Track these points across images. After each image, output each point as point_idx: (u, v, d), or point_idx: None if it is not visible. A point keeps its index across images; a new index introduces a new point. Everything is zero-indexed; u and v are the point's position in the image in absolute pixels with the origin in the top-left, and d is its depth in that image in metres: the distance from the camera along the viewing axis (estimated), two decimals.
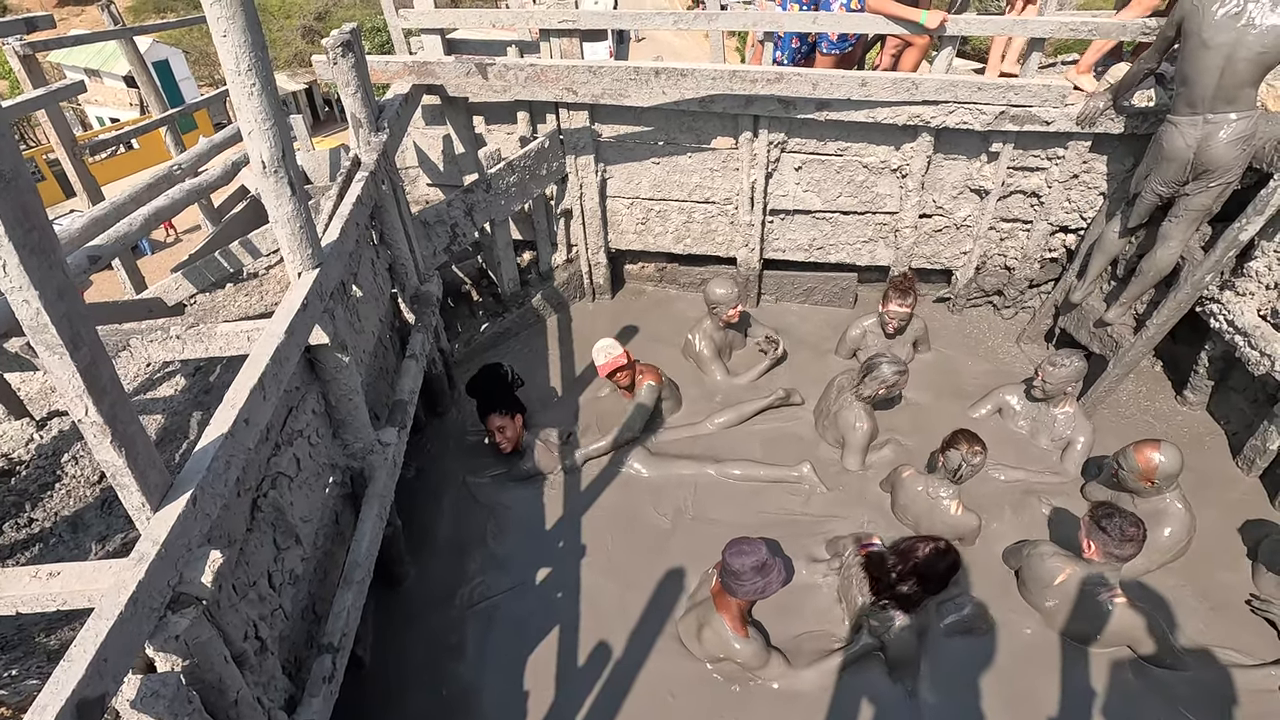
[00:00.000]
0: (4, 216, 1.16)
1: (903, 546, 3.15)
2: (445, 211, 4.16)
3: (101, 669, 1.32)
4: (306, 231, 2.41)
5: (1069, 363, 3.70)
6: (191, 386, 3.36)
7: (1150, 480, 3.13)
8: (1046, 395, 3.81)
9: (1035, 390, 3.84)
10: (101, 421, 1.42)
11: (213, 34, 1.98)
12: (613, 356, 3.92)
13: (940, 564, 3.06)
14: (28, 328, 1.29)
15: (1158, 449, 3.10)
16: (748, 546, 2.67)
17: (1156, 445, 3.12)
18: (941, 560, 3.07)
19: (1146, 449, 3.13)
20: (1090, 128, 3.93)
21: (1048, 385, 3.75)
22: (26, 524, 2.67)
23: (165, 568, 1.54)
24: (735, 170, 4.61)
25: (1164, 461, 3.08)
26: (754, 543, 2.68)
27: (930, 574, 3.04)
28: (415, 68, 4.10)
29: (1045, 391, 3.79)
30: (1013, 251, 4.69)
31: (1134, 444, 3.19)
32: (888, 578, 3.01)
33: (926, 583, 3.03)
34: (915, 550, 3.08)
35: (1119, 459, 3.23)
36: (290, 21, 27.82)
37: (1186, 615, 3.07)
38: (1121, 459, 3.21)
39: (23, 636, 2.08)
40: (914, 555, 3.06)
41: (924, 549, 3.08)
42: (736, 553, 2.65)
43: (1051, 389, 3.76)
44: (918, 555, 3.06)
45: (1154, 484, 3.14)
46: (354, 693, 2.73)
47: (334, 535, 2.79)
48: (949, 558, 3.10)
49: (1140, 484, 3.17)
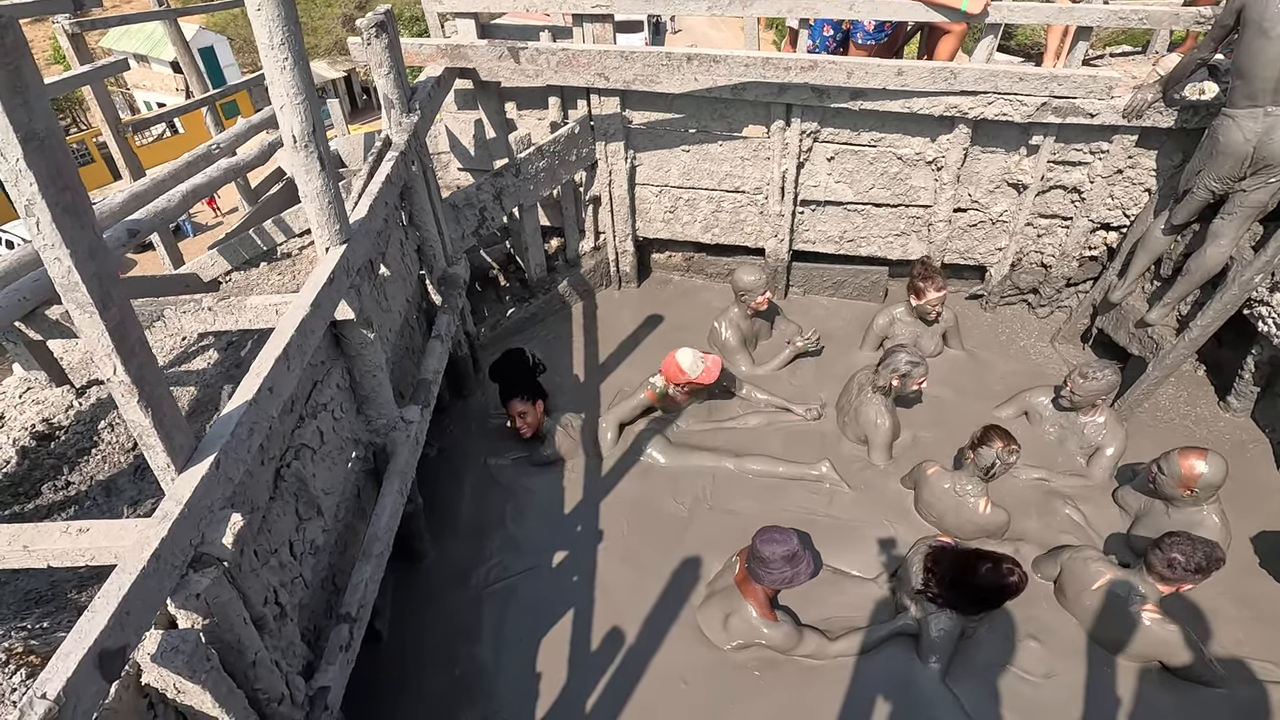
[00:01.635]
0: (38, 176, 1.19)
1: (965, 554, 2.90)
2: (474, 195, 4.18)
3: (124, 621, 1.36)
4: (335, 207, 2.44)
5: (1101, 376, 3.54)
6: (223, 360, 3.44)
7: (1189, 489, 3.02)
8: (1074, 406, 3.69)
9: (1063, 400, 3.72)
10: (129, 381, 1.45)
11: (248, 8, 2.00)
12: (704, 369, 3.75)
13: (996, 579, 2.74)
14: (60, 286, 1.32)
15: (1203, 457, 2.98)
16: (780, 535, 2.67)
17: (1203, 453, 3.00)
18: (1000, 578, 2.74)
19: (1191, 456, 3.01)
20: (1137, 121, 3.79)
21: (1075, 397, 3.62)
22: (64, 486, 2.76)
23: (188, 527, 1.57)
24: (766, 159, 4.55)
25: (1208, 471, 2.96)
26: (786, 532, 2.69)
27: (981, 591, 2.79)
28: (448, 50, 4.12)
29: (1073, 403, 3.67)
30: (1050, 249, 4.56)
31: (1179, 449, 3.07)
32: (943, 576, 2.89)
33: (970, 592, 2.81)
34: (977, 565, 2.80)
35: (1160, 463, 3.12)
36: (332, 10, 28.23)
37: (1224, 624, 2.97)
38: (1163, 463, 3.10)
39: (55, 592, 2.15)
40: (971, 569, 2.81)
41: (983, 565, 2.79)
42: (768, 540, 2.66)
43: (1080, 400, 3.63)
44: (977, 571, 2.79)
45: (1192, 493, 3.02)
46: (371, 666, 2.78)
47: (355, 509, 2.83)
48: (1009, 579, 2.74)
49: (1178, 491, 3.06)
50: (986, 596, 2.80)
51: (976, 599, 2.83)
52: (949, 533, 3.32)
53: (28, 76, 1.13)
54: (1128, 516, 3.41)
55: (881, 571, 3.25)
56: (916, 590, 2.95)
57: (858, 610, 3.07)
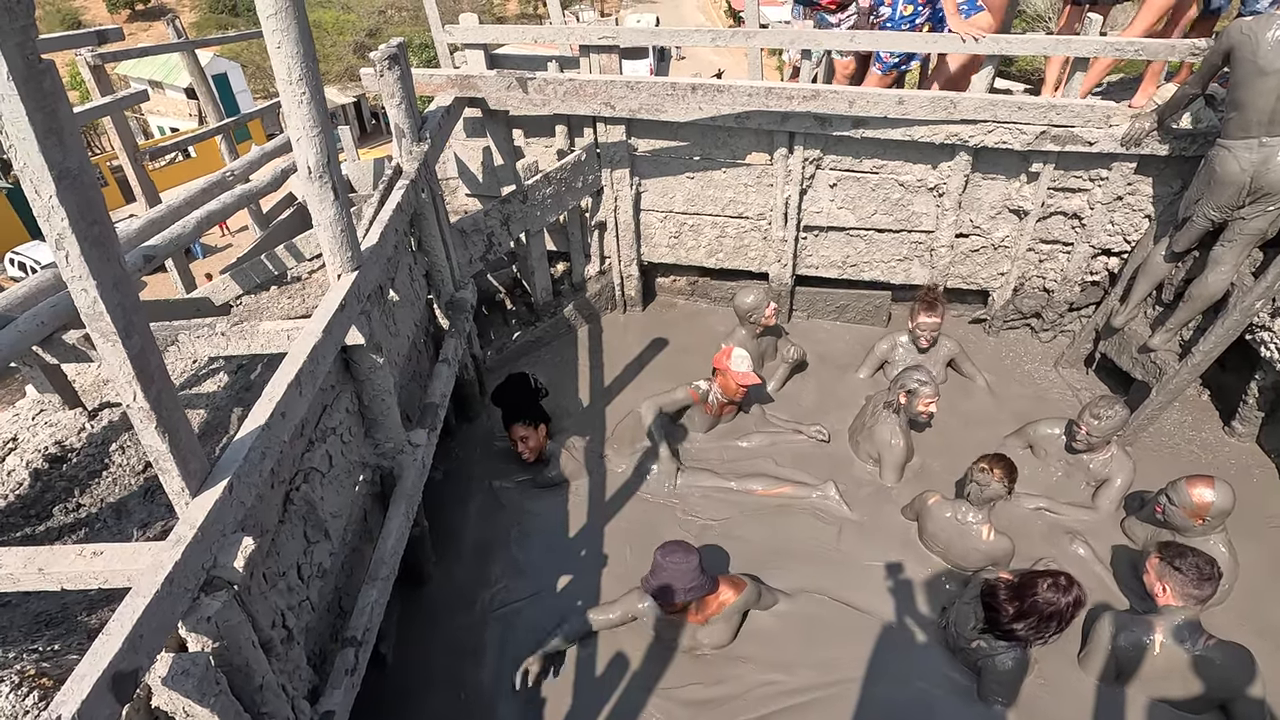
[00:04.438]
0: (69, 210, 1.24)
1: (1020, 580, 2.82)
2: (482, 221, 4.25)
3: (137, 644, 1.38)
4: (347, 235, 2.49)
5: (1113, 413, 3.48)
6: (233, 384, 3.48)
7: (1200, 518, 3.00)
8: (1090, 448, 3.62)
9: (1078, 444, 3.62)
10: (148, 407, 1.49)
11: (268, 45, 2.08)
12: (752, 370, 3.83)
13: (1061, 600, 2.68)
14: (85, 315, 1.37)
15: (1211, 486, 2.96)
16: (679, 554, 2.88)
17: (1210, 482, 2.97)
18: (1063, 592, 2.68)
19: (1199, 484, 2.98)
20: (1135, 149, 3.85)
21: (1092, 439, 3.54)
22: (75, 509, 2.78)
23: (200, 551, 1.60)
24: (769, 186, 4.62)
25: (1217, 499, 2.94)
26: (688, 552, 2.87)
27: (1049, 610, 2.69)
28: (458, 81, 4.22)
29: (1090, 445, 3.58)
30: (1052, 273, 4.60)
31: (1186, 478, 3.05)
32: (1004, 614, 2.77)
33: (1039, 616, 2.71)
34: (1034, 586, 2.74)
35: (1168, 492, 3.09)
36: (343, 37, 28.86)
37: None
38: (1171, 493, 3.07)
39: (66, 615, 2.17)
40: (1032, 591, 2.73)
41: (1043, 584, 2.73)
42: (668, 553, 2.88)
43: (1097, 442, 3.56)
44: (1036, 592, 2.72)
45: (1203, 522, 3.00)
46: (375, 690, 2.77)
47: (362, 532, 2.85)
48: (1072, 591, 2.69)
49: (1188, 521, 3.03)
50: (1056, 615, 2.69)
51: (1045, 621, 2.71)
52: (954, 562, 3.31)
53: (63, 118, 1.19)
54: (1135, 547, 3.38)
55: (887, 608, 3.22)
56: (981, 630, 2.84)
57: (862, 647, 3.05)
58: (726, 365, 3.80)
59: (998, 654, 2.78)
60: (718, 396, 3.95)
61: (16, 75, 1.11)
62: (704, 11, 37.96)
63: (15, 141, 1.16)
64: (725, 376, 3.82)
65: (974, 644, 2.86)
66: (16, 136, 1.15)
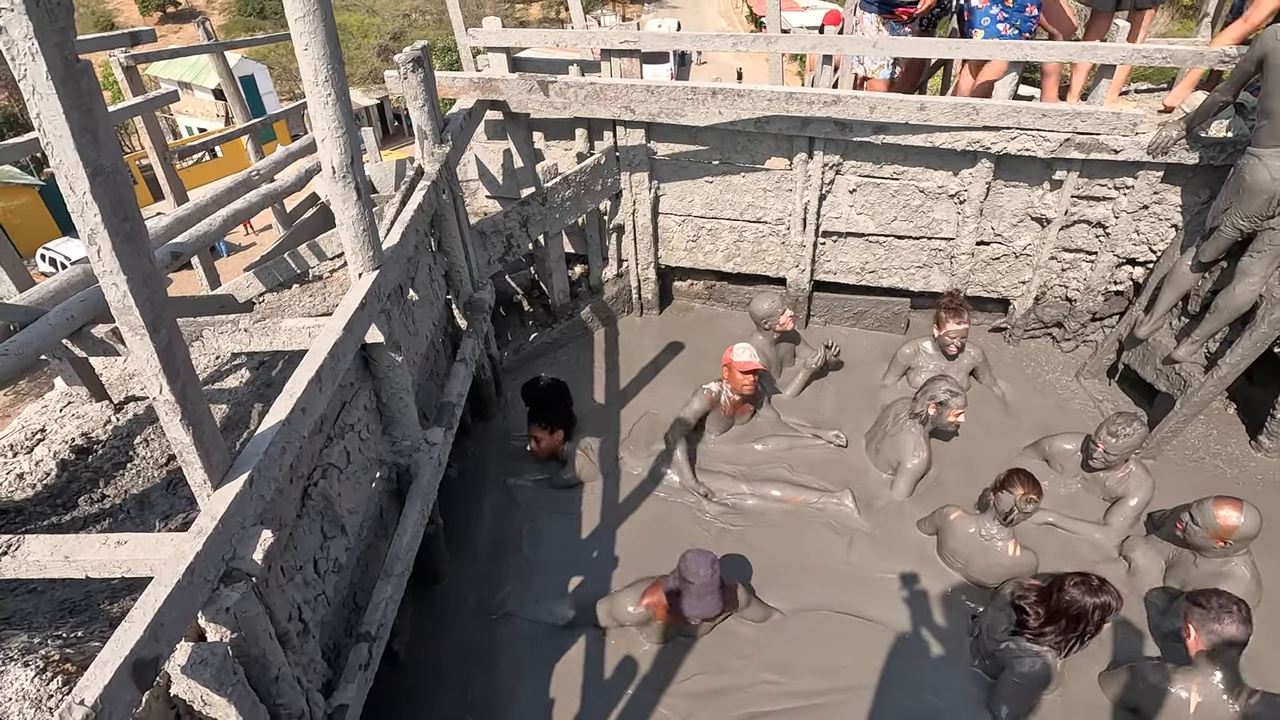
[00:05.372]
0: (102, 207, 1.27)
1: (1050, 583, 2.82)
2: (502, 222, 4.28)
3: (158, 632, 1.40)
4: (369, 235, 2.53)
5: (1131, 430, 3.40)
6: (255, 379, 3.54)
7: (1223, 541, 2.94)
8: (1109, 466, 3.55)
9: (1095, 461, 3.56)
10: (174, 400, 1.52)
11: (295, 48, 2.12)
12: (756, 359, 3.83)
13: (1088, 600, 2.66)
14: (115, 309, 1.40)
15: (1239, 509, 2.89)
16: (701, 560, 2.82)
17: (1238, 505, 2.91)
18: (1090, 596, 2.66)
19: (1226, 506, 2.92)
20: (1162, 157, 3.79)
21: (1110, 456, 3.47)
22: (99, 499, 2.84)
23: (221, 542, 1.62)
24: (788, 191, 4.61)
25: (1243, 523, 2.88)
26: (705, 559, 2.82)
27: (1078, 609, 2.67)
28: (480, 84, 4.26)
29: (1108, 463, 3.52)
30: (1075, 283, 4.53)
31: (1213, 498, 2.98)
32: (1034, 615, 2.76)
33: (1069, 615, 2.69)
34: (1063, 585, 2.73)
35: (1191, 511, 3.03)
36: (368, 40, 29.24)
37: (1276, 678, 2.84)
38: (1195, 512, 3.00)
39: (89, 602, 2.21)
40: (1060, 590, 2.72)
41: (1070, 582, 2.72)
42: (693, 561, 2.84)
43: (1115, 460, 3.49)
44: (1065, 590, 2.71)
45: (1225, 545, 2.95)
46: (388, 686, 2.80)
47: (378, 529, 2.88)
48: (1105, 591, 2.67)
49: (1210, 542, 2.98)
50: (1082, 615, 2.65)
51: (1072, 621, 2.68)
52: (974, 578, 3.27)
53: (98, 116, 1.22)
54: (1148, 569, 3.30)
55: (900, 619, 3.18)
56: (1012, 631, 2.82)
57: (872, 656, 3.02)
58: (730, 358, 3.85)
59: (1026, 655, 2.75)
60: (729, 395, 3.97)
61: (55, 75, 1.14)
62: (725, 16, 37.99)
63: (52, 139, 1.19)
64: (731, 370, 3.85)
65: (1003, 645, 2.83)
66: (54, 134, 1.18)
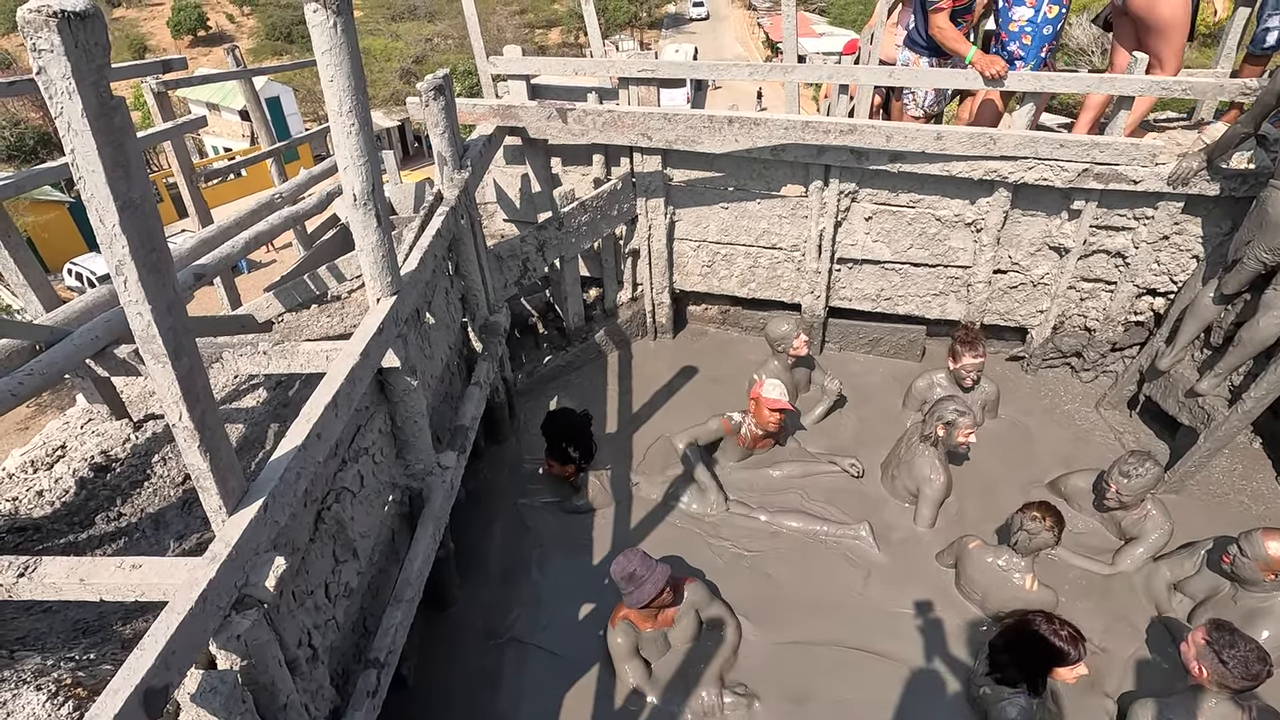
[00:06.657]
0: (130, 238, 1.30)
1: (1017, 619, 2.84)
2: (518, 246, 4.32)
3: (169, 660, 1.40)
4: (388, 260, 2.56)
5: (1144, 470, 3.33)
6: (272, 400, 3.57)
7: (1273, 573, 2.87)
8: (1123, 506, 3.48)
9: (1109, 501, 3.49)
10: (193, 427, 1.53)
11: (321, 79, 2.16)
12: (785, 398, 3.80)
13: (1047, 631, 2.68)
14: (139, 337, 1.42)
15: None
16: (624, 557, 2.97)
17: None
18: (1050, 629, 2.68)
19: (1277, 537, 2.84)
20: (1182, 188, 3.76)
21: (1124, 497, 3.41)
22: (116, 518, 2.86)
23: (234, 569, 1.63)
24: (804, 218, 4.62)
25: None
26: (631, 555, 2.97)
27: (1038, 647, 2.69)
28: (500, 111, 4.33)
29: (1121, 504, 3.46)
30: (1094, 312, 4.49)
31: (1263, 529, 2.90)
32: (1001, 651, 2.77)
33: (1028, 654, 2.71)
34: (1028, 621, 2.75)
35: (1240, 543, 2.95)
36: (390, 64, 29.88)
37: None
38: (1244, 544, 2.92)
39: (103, 623, 2.22)
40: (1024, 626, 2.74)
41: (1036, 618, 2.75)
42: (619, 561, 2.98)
43: (1128, 500, 3.42)
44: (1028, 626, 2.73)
45: (1275, 578, 2.87)
46: (395, 712, 2.77)
47: (389, 552, 2.87)
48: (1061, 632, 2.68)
49: (1258, 574, 2.90)
50: (1045, 654, 2.65)
51: (1034, 658, 2.67)
52: (992, 611, 3.20)
53: (130, 152, 1.25)
54: (1172, 602, 3.23)
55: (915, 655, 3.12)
56: (985, 673, 2.80)
57: (884, 693, 2.96)
58: (759, 393, 3.79)
59: (1002, 699, 2.71)
60: (751, 428, 3.93)
61: (90, 112, 1.17)
62: (742, 42, 38.45)
63: (85, 174, 1.22)
64: (759, 405, 3.80)
65: (981, 690, 2.81)
66: (86, 169, 1.22)
